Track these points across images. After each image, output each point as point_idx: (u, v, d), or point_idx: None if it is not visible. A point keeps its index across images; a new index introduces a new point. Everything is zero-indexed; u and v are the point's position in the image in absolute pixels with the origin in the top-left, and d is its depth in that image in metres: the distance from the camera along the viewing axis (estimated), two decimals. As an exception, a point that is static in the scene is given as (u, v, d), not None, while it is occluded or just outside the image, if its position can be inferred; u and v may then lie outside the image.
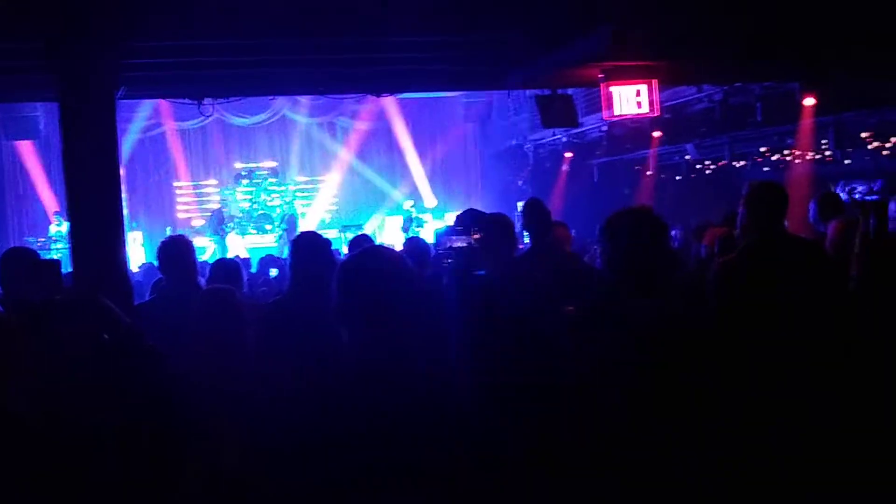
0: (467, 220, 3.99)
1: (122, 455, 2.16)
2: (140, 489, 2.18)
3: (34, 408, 2.12)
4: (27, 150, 16.78)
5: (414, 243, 6.00)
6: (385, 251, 2.27)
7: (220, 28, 6.20)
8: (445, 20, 6.38)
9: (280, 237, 17.00)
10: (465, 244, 3.64)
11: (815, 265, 3.83)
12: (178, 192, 19.07)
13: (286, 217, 17.30)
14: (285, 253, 8.71)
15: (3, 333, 2.10)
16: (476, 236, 3.65)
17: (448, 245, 3.68)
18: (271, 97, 16.08)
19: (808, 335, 2.89)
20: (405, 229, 16.86)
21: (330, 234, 15.35)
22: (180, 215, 18.86)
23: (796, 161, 12.27)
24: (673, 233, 7.65)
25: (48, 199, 16.71)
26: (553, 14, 6.39)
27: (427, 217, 17.66)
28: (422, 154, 19.59)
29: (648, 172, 15.24)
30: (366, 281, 2.08)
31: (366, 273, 2.10)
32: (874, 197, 11.09)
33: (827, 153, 11.76)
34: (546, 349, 2.96)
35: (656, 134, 13.06)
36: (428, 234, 13.71)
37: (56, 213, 15.78)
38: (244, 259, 11.89)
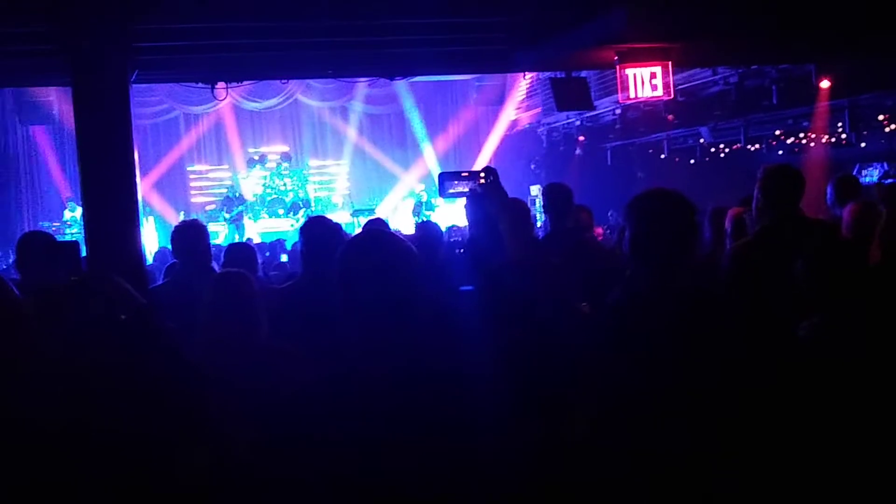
0: (485, 169, 3.90)
1: (139, 438, 2.16)
2: (151, 472, 2.18)
3: (51, 396, 2.12)
4: (42, 136, 16.82)
5: (425, 228, 5.98)
6: (384, 237, 2.13)
7: (233, 10, 6.19)
8: (458, 2, 6.36)
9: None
10: (469, 189, 3.62)
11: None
12: (191, 176, 19.11)
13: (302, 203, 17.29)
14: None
15: (19, 319, 2.10)
16: (482, 181, 3.61)
17: (450, 190, 3.66)
18: (283, 81, 16.07)
19: (826, 321, 2.85)
20: (416, 213, 16.85)
21: (342, 218, 15.37)
22: (193, 200, 18.91)
23: (811, 144, 12.19)
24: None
25: (62, 184, 16.77)
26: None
27: (439, 201, 17.61)
28: (434, 138, 19.55)
29: (662, 156, 15.15)
30: (366, 272, 1.98)
31: (365, 262, 2.00)
32: (890, 180, 11.03)
33: (842, 136, 11.66)
34: (560, 342, 2.86)
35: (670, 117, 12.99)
36: (439, 218, 13.67)
37: (69, 198, 15.83)
38: (257, 244, 11.93)
